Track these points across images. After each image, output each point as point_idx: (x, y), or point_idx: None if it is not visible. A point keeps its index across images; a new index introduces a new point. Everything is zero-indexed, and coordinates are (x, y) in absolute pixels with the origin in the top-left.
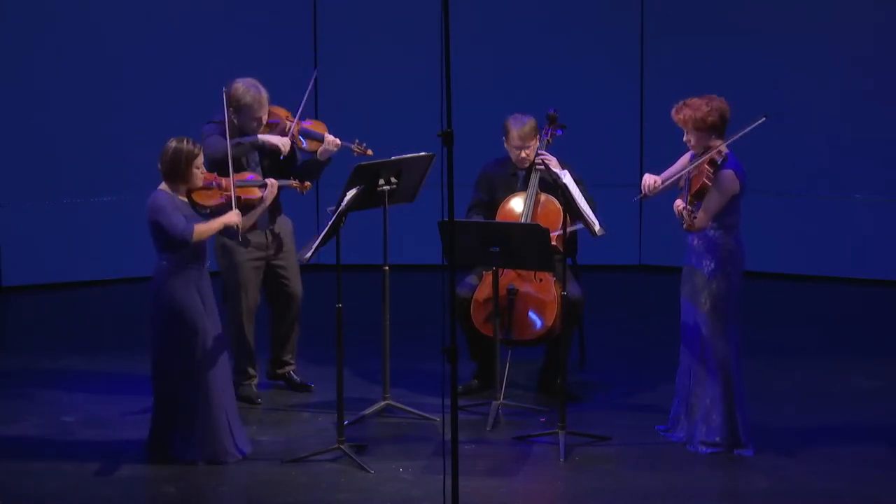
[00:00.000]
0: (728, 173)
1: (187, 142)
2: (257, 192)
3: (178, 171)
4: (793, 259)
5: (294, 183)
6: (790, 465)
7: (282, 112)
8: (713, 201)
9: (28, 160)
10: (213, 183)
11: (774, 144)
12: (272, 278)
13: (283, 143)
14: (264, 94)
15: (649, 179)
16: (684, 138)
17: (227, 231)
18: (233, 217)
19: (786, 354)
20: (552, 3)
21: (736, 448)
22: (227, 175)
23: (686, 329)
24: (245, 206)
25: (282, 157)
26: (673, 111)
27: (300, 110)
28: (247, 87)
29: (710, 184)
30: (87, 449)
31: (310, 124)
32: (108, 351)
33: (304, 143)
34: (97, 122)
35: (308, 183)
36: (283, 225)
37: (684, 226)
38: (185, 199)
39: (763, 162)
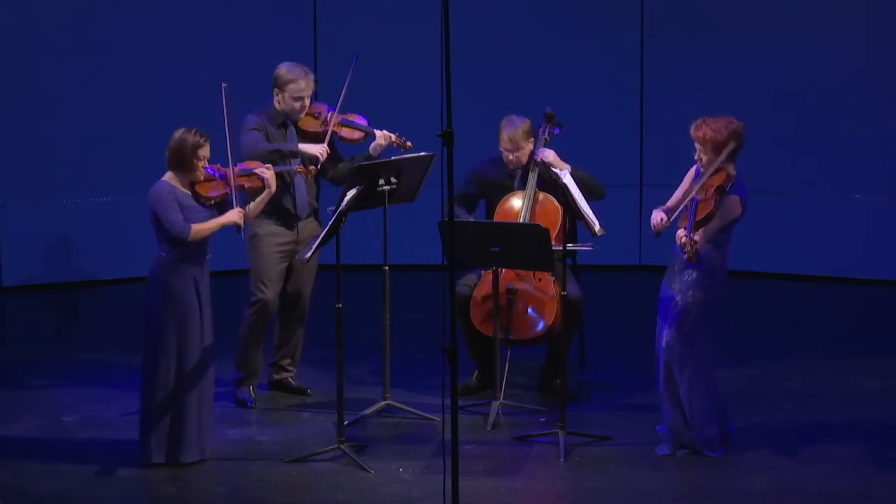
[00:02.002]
0: (734, 199)
1: (194, 132)
2: (257, 182)
3: (180, 160)
4: (793, 259)
5: (299, 168)
6: (790, 465)
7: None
8: (714, 225)
9: (28, 160)
10: (216, 174)
11: (774, 144)
12: (285, 273)
13: (321, 150)
14: (311, 75)
15: (657, 218)
16: (696, 155)
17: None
18: (233, 216)
19: (786, 354)
20: (552, 3)
21: (704, 449)
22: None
23: (661, 302)
24: (249, 194)
25: (318, 166)
26: (692, 128)
27: (340, 101)
28: (292, 65)
29: (717, 212)
30: (87, 449)
31: (350, 116)
32: (108, 351)
33: (342, 132)
34: (97, 122)
35: (313, 167)
36: (312, 223)
37: (685, 257)
38: (188, 191)
39: (763, 162)
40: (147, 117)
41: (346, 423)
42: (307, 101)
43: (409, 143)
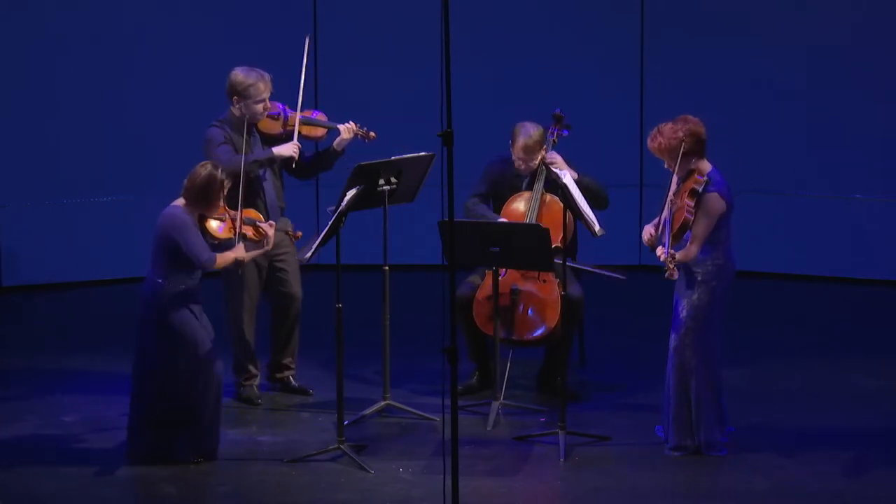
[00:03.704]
0: (712, 196)
1: (221, 171)
2: (260, 236)
3: (207, 197)
4: (792, 259)
5: (290, 233)
6: (790, 465)
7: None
8: (701, 228)
9: (28, 160)
10: (226, 216)
11: (774, 144)
12: (272, 278)
13: (294, 150)
14: (267, 76)
15: (646, 234)
16: (665, 165)
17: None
18: (240, 252)
19: (786, 354)
20: (552, 3)
21: (706, 450)
22: (236, 207)
23: (673, 317)
24: (249, 242)
25: (294, 166)
26: (648, 140)
27: (300, 99)
28: (247, 70)
29: (691, 218)
30: (87, 449)
31: (310, 113)
32: (108, 351)
33: (304, 132)
34: (98, 123)
35: (300, 233)
36: (284, 225)
37: (665, 275)
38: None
39: (763, 162)
40: (147, 117)
41: (346, 423)
42: (268, 103)
43: (372, 134)
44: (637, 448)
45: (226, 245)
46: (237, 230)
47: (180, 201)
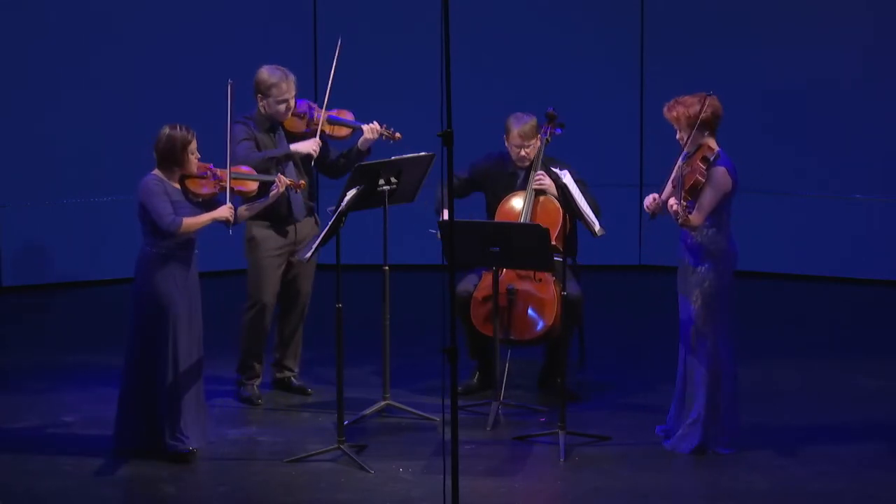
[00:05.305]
0: (721, 170)
1: (180, 128)
2: (252, 185)
3: (173, 156)
4: (792, 259)
5: (290, 182)
6: (790, 465)
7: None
8: (707, 199)
9: (28, 160)
10: (208, 172)
11: (774, 144)
12: (284, 271)
13: (313, 147)
14: (291, 76)
15: (649, 199)
16: (677, 136)
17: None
18: (224, 212)
19: (786, 354)
20: (552, 3)
21: (717, 446)
22: (224, 165)
23: (682, 325)
24: (240, 197)
25: (312, 164)
26: (665, 109)
27: (327, 97)
28: (272, 69)
29: (703, 180)
30: (87, 448)
31: (336, 112)
32: (108, 350)
33: (330, 131)
34: (97, 122)
35: (304, 182)
36: (310, 222)
37: (679, 221)
38: (178, 186)
39: (763, 162)
40: (147, 118)
41: (346, 423)
42: (292, 103)
43: (398, 135)
44: (637, 448)
45: (213, 201)
46: (227, 184)
47: (155, 169)
